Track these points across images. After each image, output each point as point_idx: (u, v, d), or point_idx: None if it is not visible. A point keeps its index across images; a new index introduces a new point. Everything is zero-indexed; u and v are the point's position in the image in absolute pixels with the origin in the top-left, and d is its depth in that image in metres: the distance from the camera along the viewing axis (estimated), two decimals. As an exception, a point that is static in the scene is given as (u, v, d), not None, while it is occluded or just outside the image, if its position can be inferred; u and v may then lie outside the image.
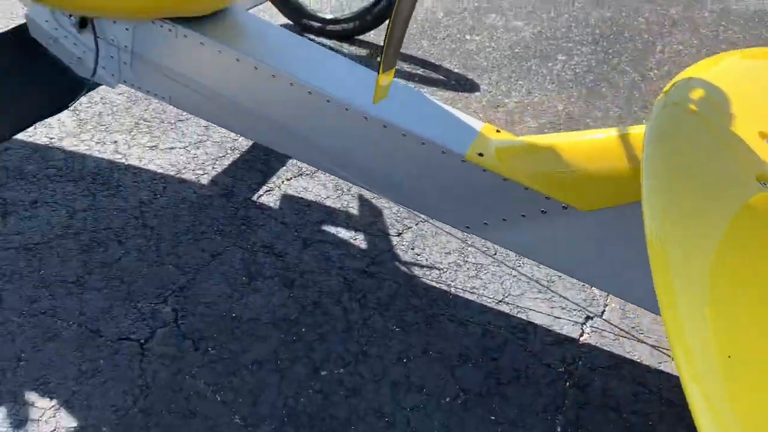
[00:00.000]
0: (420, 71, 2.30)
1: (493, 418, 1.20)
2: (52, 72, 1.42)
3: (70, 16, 1.37)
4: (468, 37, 2.52)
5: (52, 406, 1.18)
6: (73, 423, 1.15)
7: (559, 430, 1.19)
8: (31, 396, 1.19)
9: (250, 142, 1.86)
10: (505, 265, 1.51)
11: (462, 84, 2.23)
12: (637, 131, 1.07)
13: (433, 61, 2.36)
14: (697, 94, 1.01)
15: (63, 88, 1.41)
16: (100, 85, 1.44)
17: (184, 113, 1.94)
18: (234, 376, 1.25)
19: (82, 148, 1.79)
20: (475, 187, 1.17)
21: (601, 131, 1.12)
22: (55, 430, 1.14)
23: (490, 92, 2.19)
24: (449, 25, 2.59)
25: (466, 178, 1.17)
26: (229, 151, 1.84)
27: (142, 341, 1.30)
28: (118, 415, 1.17)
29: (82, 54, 1.41)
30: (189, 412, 1.18)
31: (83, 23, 1.37)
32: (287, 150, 1.37)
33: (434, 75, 2.28)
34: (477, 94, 2.18)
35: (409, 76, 2.26)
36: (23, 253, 1.47)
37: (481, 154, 1.15)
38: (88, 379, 1.23)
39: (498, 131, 1.22)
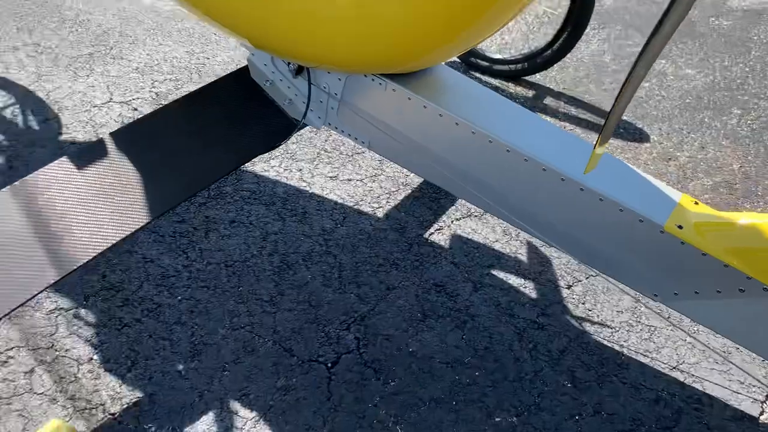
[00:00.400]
0: (588, 116, 2.30)
1: (667, 489, 1.20)
2: (267, 112, 1.57)
3: (289, 63, 1.52)
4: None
5: (253, 417, 1.31)
6: (271, 435, 1.28)
7: None
8: (235, 405, 1.33)
9: (421, 179, 1.96)
10: (681, 330, 1.50)
11: (631, 133, 2.21)
12: None
13: (601, 107, 2.36)
14: None
15: (277, 127, 1.56)
16: (306, 125, 1.58)
17: (360, 147, 2.07)
18: (413, 411, 1.33)
19: (271, 174, 1.96)
20: (672, 258, 1.18)
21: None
22: (256, 439, 1.28)
23: (660, 144, 2.16)
24: (617, 70, 2.57)
25: (663, 249, 1.18)
26: (401, 186, 1.94)
27: (329, 365, 1.42)
28: (310, 434, 1.29)
29: (294, 97, 1.56)
30: (371, 440, 1.27)
31: (299, 70, 1.51)
32: (475, 202, 1.44)
33: (602, 121, 2.28)
34: (647, 144, 2.16)
35: (577, 121, 2.27)
36: (224, 269, 1.64)
37: (680, 227, 1.16)
38: (282, 396, 1.35)
39: (696, 203, 1.23)
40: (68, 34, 2.66)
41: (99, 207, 1.28)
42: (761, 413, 1.34)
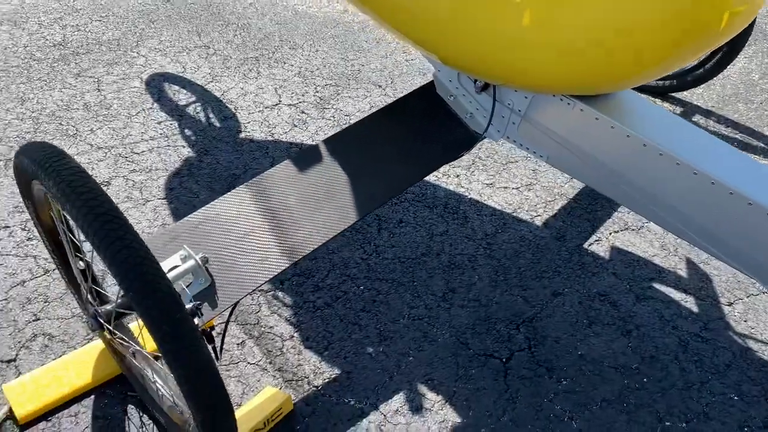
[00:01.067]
0: (738, 136, 2.32)
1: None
2: (451, 125, 1.71)
3: (475, 81, 1.65)
4: (788, 103, 2.48)
5: (439, 401, 1.46)
6: (457, 418, 1.42)
7: None
8: (422, 388, 1.48)
9: (576, 190, 2.05)
10: None
11: (783, 153, 2.22)
12: None
13: (751, 126, 2.37)
14: None
15: (458, 139, 1.70)
16: (485, 138, 1.71)
17: (514, 156, 2.19)
18: (586, 409, 1.44)
19: (431, 179, 2.11)
20: None
21: None
22: (444, 421, 1.42)
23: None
24: (766, 89, 2.56)
25: None
26: (557, 197, 2.04)
27: (504, 360, 1.55)
28: (492, 420, 1.42)
29: (475, 111, 1.69)
30: (550, 431, 1.39)
31: (485, 87, 1.64)
32: (652, 218, 1.52)
33: (754, 142, 2.29)
34: (802, 167, 2.16)
35: (726, 140, 2.30)
36: (398, 265, 1.80)
37: None
38: (463, 384, 1.49)
39: None
40: (233, 37, 2.91)
41: (321, 203, 1.46)
42: None
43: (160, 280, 0.93)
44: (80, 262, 1.36)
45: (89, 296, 1.34)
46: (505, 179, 2.11)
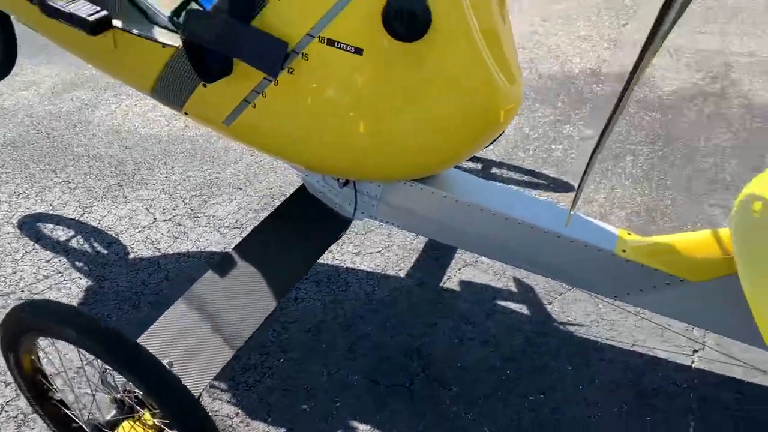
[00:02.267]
0: (525, 178, 3.05)
1: (647, 419, 1.87)
2: (326, 215, 2.17)
3: (337, 179, 2.13)
4: (553, 146, 3.28)
5: (368, 428, 1.87)
6: None
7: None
8: (353, 423, 1.89)
9: (423, 244, 2.60)
10: (633, 314, 2.20)
11: (560, 186, 2.97)
12: (725, 230, 1.78)
13: (533, 168, 3.12)
14: (762, 199, 1.69)
15: (334, 225, 2.15)
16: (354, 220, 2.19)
17: (369, 226, 2.69)
18: (475, 405, 1.93)
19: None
20: (622, 271, 1.87)
21: (700, 232, 1.83)
22: None
23: (582, 191, 2.92)
24: (536, 138, 3.36)
25: (616, 266, 1.86)
26: (411, 252, 2.57)
27: (407, 385, 2.00)
28: None
29: (342, 201, 2.17)
30: (454, 429, 1.86)
31: (346, 182, 2.13)
32: (483, 253, 2.08)
33: (536, 180, 3.03)
34: (573, 192, 2.91)
35: (518, 183, 3.01)
36: (305, 335, 2.19)
37: (624, 250, 1.86)
38: (383, 412, 1.92)
39: (629, 233, 1.93)
40: (89, 168, 3.14)
41: (245, 299, 1.83)
42: (692, 362, 2.05)
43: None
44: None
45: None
46: (368, 246, 2.61)
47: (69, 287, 2.39)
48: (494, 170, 3.11)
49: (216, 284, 1.87)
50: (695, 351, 2.09)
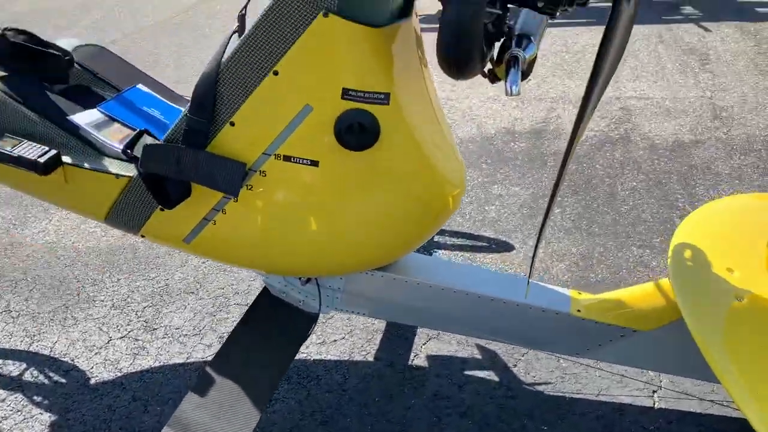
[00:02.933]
0: (468, 242, 3.20)
1: (625, 465, 1.98)
2: (292, 314, 2.22)
3: (299, 277, 2.19)
4: (486, 207, 3.47)
5: None
6: None
7: (665, 462, 1.98)
8: None
9: (383, 324, 2.67)
10: (596, 369, 2.34)
11: (500, 245, 3.14)
12: (665, 281, 1.96)
13: (471, 232, 3.28)
14: (691, 246, 1.88)
15: (302, 322, 2.20)
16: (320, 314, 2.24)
17: (332, 316, 2.75)
18: (465, 479, 1.99)
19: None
20: (579, 329, 2.01)
21: (644, 285, 2.01)
22: None
23: (522, 248, 3.10)
24: (469, 201, 3.54)
25: (573, 326, 2.01)
26: (374, 333, 2.64)
27: (397, 472, 2.04)
28: None
29: (306, 298, 2.23)
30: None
31: (308, 279, 2.20)
32: (454, 330, 2.17)
33: (478, 243, 3.19)
34: (514, 251, 3.09)
35: (461, 248, 3.16)
36: (286, 436, 2.20)
37: (579, 310, 2.01)
38: (379, 503, 1.94)
39: (579, 293, 2.09)
40: (30, 292, 3.05)
41: (230, 412, 1.84)
42: (654, 403, 2.20)
43: None
44: None
45: None
46: (330, 334, 2.66)
47: (32, 426, 2.30)
48: (437, 238, 3.25)
49: (198, 406, 1.87)
50: (654, 392, 2.25)
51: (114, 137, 1.97)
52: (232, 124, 1.70)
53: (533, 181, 3.68)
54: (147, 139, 1.78)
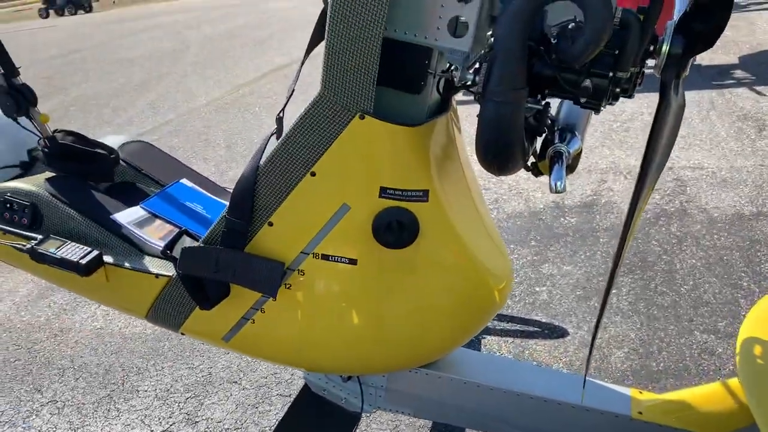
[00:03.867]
0: (518, 327, 3.07)
1: None
2: (333, 411, 2.13)
3: (341, 375, 2.11)
4: (537, 288, 3.34)
5: None
6: None
7: None
8: None
9: (440, 423, 2.54)
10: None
11: (553, 331, 2.99)
12: (734, 381, 1.80)
13: (522, 316, 3.15)
14: (762, 341, 1.72)
15: (342, 422, 2.11)
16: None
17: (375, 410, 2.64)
18: None
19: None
20: (642, 432, 1.85)
21: (711, 384, 1.85)
22: None
23: (577, 334, 2.95)
24: (519, 281, 3.42)
25: (634, 430, 1.85)
26: (422, 428, 2.51)
27: None
28: None
29: (348, 396, 2.13)
30: None
31: (349, 377, 2.11)
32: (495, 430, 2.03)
33: (529, 328, 3.05)
34: (568, 337, 2.94)
35: (511, 334, 3.02)
36: None
37: (640, 412, 1.85)
38: None
39: (641, 392, 1.94)
40: (76, 381, 3.05)
41: None
42: None
43: None
44: None
45: None
46: (375, 429, 2.54)
47: None
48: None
49: None
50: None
51: (155, 234, 1.98)
52: (270, 224, 1.68)
53: (586, 259, 3.54)
54: (186, 240, 1.77)
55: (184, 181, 2.28)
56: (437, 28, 1.43)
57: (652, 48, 1.35)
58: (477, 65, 1.48)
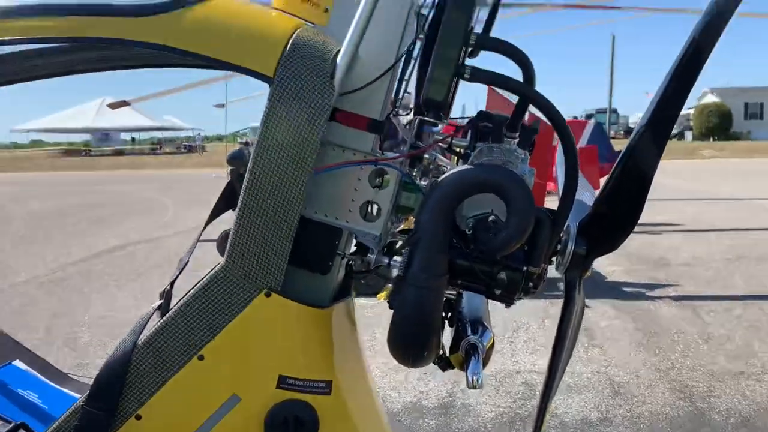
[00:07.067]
0: None
1: None
2: None
3: None
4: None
5: None
6: None
7: None
8: None
9: None
10: None
11: None
12: None
13: None
14: None
15: None
16: None
17: None
18: None
19: None
20: None
21: None
22: None
23: None
24: None
25: None
26: None
27: None
28: None
29: None
30: None
31: None
32: None
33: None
34: None
35: None
36: None
37: None
38: None
39: None
40: None
41: None
42: None
43: None
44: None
45: None
46: None
47: None
48: None
49: None
50: None
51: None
52: (138, 417, 1.40)
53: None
54: (24, 440, 1.42)
55: (18, 362, 1.91)
56: (349, 211, 1.41)
57: (558, 247, 1.41)
58: (384, 249, 1.46)
